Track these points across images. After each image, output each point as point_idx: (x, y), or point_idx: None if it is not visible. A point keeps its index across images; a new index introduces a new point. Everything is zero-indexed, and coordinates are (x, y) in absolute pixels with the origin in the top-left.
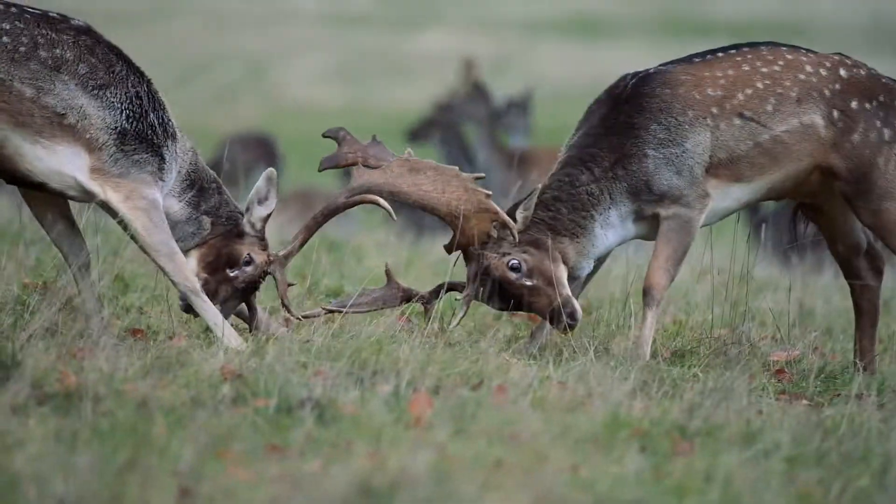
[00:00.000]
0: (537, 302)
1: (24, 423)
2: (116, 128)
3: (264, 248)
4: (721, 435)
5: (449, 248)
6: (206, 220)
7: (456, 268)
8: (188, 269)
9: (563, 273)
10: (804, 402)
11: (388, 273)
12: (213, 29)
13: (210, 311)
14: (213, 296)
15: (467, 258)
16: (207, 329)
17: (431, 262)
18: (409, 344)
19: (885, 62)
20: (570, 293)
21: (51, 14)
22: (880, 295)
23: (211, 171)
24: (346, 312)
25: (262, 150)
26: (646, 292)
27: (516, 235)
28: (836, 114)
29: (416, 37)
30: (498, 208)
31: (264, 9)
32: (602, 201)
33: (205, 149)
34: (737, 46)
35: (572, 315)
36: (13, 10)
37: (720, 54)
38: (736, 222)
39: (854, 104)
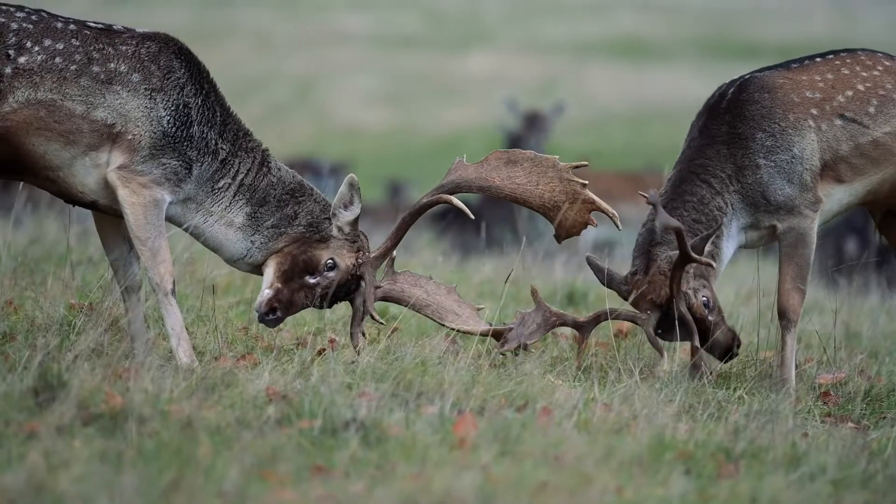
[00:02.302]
0: (716, 336)
1: (70, 443)
2: (157, 131)
3: (357, 249)
4: (766, 457)
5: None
6: (274, 234)
7: (506, 288)
8: (167, 269)
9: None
10: (850, 424)
11: (535, 295)
12: (263, 50)
13: (174, 317)
14: (288, 304)
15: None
16: (254, 350)
17: (477, 282)
18: (454, 365)
19: None
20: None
21: (115, 27)
22: None
23: (291, 182)
24: (526, 346)
25: (308, 172)
26: (782, 315)
27: (619, 223)
28: None
29: (463, 59)
30: (595, 197)
31: (313, 30)
32: (727, 214)
33: None
34: (834, 52)
35: (740, 345)
36: (71, 27)
37: (818, 59)
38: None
39: None
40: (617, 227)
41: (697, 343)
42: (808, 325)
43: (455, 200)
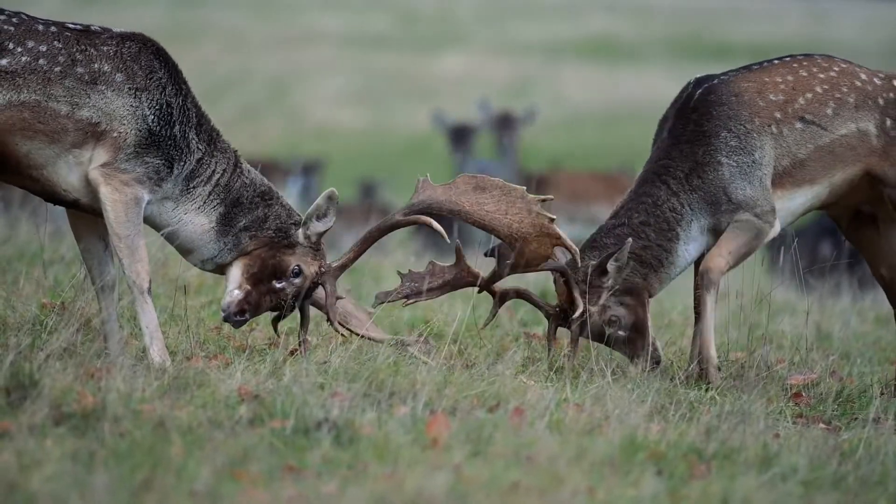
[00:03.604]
0: (626, 348)
1: (42, 443)
2: (143, 129)
3: (318, 258)
4: (738, 458)
5: (504, 272)
6: (244, 237)
7: (477, 293)
8: (144, 268)
9: (649, 317)
10: (821, 425)
11: (459, 253)
12: (236, 50)
13: (149, 315)
14: (256, 307)
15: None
16: (226, 349)
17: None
18: (426, 366)
19: None
20: (654, 336)
21: (93, 28)
22: None
23: (260, 185)
24: (424, 299)
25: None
26: (703, 274)
27: (579, 260)
28: (889, 122)
29: (436, 59)
30: (561, 233)
31: (286, 30)
32: (684, 215)
33: None
34: (791, 56)
35: (657, 360)
36: (52, 29)
37: (775, 61)
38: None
39: None
40: (577, 263)
41: (572, 360)
42: (779, 326)
43: (434, 223)
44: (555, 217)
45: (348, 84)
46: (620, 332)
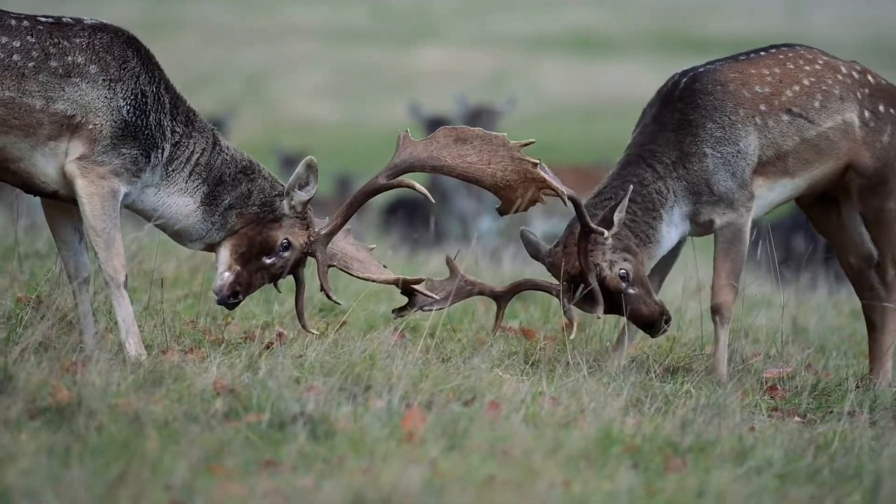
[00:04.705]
0: (638, 309)
1: (17, 437)
2: (118, 120)
3: (306, 227)
4: (713, 451)
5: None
6: (231, 215)
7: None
8: (120, 262)
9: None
10: (797, 419)
11: (451, 265)
12: (214, 43)
13: (126, 309)
14: (248, 287)
15: (555, 265)
16: (201, 343)
17: (426, 276)
18: (402, 359)
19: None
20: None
21: (64, 20)
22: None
23: (241, 160)
24: (442, 308)
25: None
26: (715, 311)
27: (566, 199)
28: (867, 114)
29: (414, 53)
30: (546, 176)
31: (263, 24)
32: (668, 199)
33: None
34: (775, 46)
35: (669, 320)
36: (24, 23)
37: (762, 53)
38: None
39: (882, 107)
40: (564, 203)
41: (600, 313)
42: (755, 320)
43: (417, 186)
44: (538, 161)
45: (326, 78)
46: (631, 290)
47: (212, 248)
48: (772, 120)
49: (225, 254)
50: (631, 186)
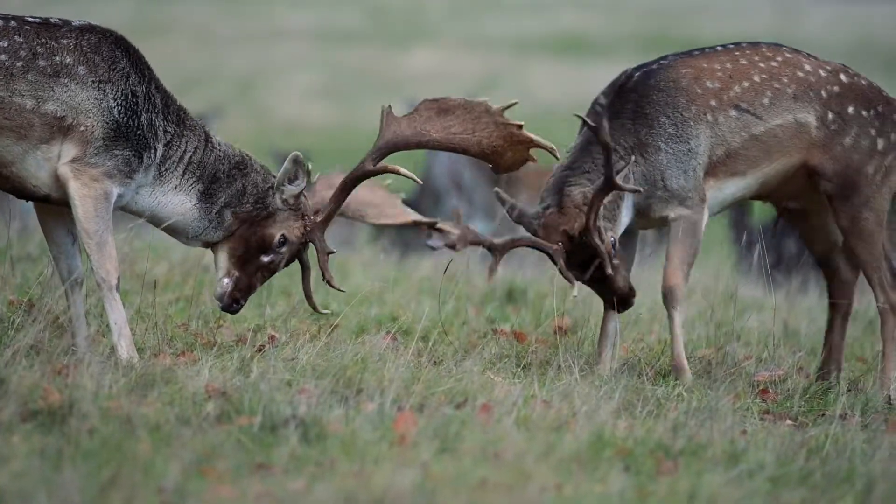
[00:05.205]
0: (615, 281)
1: (9, 440)
2: (110, 121)
3: (300, 217)
4: (705, 454)
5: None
6: (227, 213)
7: (444, 282)
8: (113, 265)
9: None
10: (788, 422)
11: (457, 216)
12: (204, 46)
13: (118, 312)
14: (248, 289)
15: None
16: (193, 346)
17: (417, 279)
18: (393, 362)
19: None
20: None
21: (52, 20)
22: (855, 292)
23: (234, 156)
24: (452, 249)
25: None
26: (667, 294)
27: (557, 155)
28: (830, 115)
29: (406, 55)
30: (533, 136)
31: (254, 26)
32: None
33: None
34: (736, 44)
35: (633, 295)
36: (12, 24)
37: (719, 48)
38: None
39: (851, 109)
40: (556, 158)
41: (610, 270)
42: (747, 323)
43: (402, 170)
44: (522, 123)
45: (317, 80)
46: (615, 261)
47: (209, 245)
48: (721, 116)
49: (223, 258)
50: (633, 158)
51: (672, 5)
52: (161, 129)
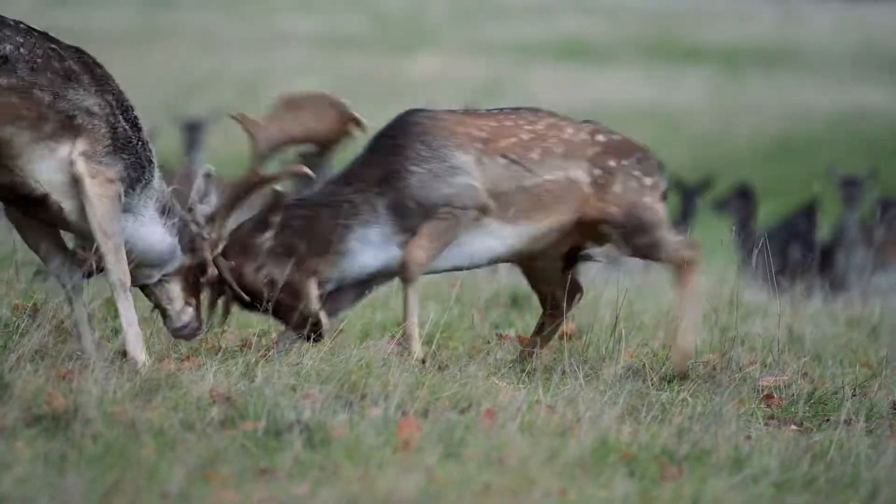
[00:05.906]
0: (282, 316)
1: (13, 445)
2: (116, 126)
3: (204, 239)
4: (709, 460)
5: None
6: (179, 243)
7: (448, 287)
8: (126, 266)
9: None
10: (793, 427)
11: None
12: (208, 51)
13: (130, 314)
14: (201, 312)
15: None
16: (197, 351)
17: (423, 284)
18: (398, 367)
19: (876, 86)
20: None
21: (50, 34)
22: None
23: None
24: None
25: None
26: (404, 267)
27: (364, 128)
28: (597, 172)
29: (409, 60)
30: (354, 111)
31: (258, 31)
32: (363, 213)
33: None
34: (499, 109)
35: (320, 334)
36: (22, 26)
37: (482, 111)
38: (720, 245)
39: (612, 162)
40: (363, 130)
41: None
42: (751, 328)
43: (304, 169)
44: (348, 101)
45: (320, 85)
46: (281, 296)
47: (158, 282)
48: (487, 159)
49: (175, 289)
50: (352, 213)
51: (674, 10)
52: (149, 153)
